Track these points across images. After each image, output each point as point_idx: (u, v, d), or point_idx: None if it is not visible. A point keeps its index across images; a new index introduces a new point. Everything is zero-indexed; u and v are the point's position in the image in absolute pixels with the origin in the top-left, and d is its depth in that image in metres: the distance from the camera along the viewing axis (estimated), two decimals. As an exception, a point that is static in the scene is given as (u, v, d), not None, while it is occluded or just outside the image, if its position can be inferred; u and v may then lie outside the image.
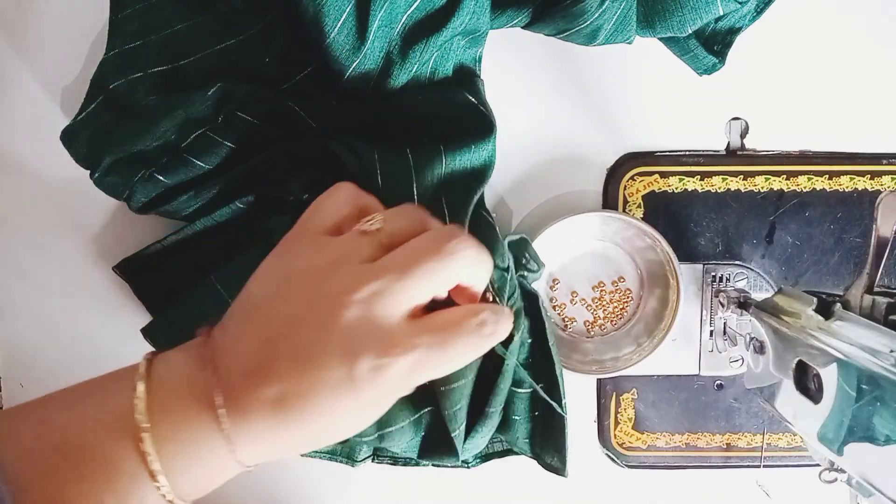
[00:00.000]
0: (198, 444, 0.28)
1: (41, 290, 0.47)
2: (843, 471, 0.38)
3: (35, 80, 0.46)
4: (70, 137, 0.42)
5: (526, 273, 0.44)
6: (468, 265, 0.30)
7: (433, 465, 0.47)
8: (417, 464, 0.47)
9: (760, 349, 0.43)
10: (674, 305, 0.47)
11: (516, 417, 0.45)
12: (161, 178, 0.42)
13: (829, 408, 0.35)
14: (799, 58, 0.48)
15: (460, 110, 0.42)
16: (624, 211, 0.48)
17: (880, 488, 0.32)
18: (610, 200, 0.48)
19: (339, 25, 0.38)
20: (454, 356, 0.29)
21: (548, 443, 0.46)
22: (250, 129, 0.41)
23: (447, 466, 0.48)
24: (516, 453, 0.48)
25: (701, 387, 0.50)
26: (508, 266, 0.42)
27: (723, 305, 0.48)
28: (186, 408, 0.28)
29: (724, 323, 0.49)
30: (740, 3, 0.42)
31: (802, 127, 0.48)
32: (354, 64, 0.40)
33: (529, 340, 0.45)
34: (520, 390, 0.45)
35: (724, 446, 0.50)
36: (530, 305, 0.45)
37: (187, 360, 0.29)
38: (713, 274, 0.48)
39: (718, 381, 0.50)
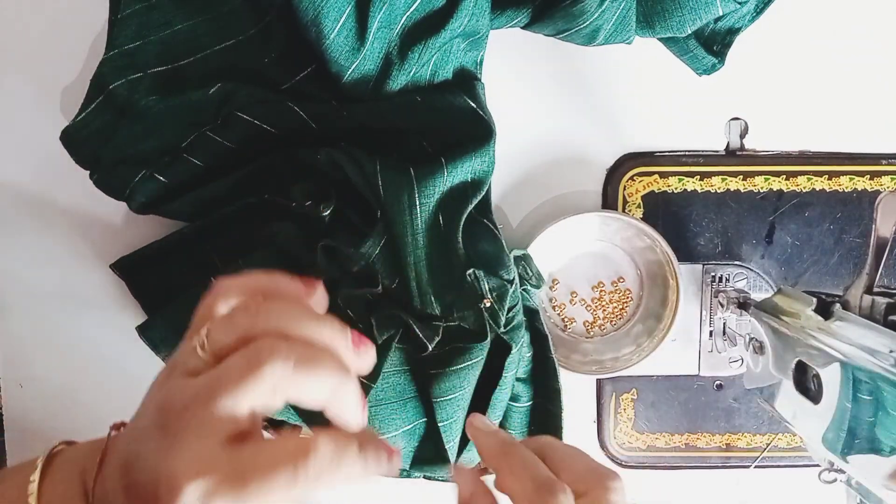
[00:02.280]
0: None
1: (41, 290, 0.47)
2: (842, 471, 0.38)
3: (35, 81, 0.46)
4: (70, 138, 0.42)
5: (529, 288, 0.44)
6: (282, 380, 0.26)
7: (424, 476, 0.47)
8: (409, 475, 0.47)
9: (760, 349, 0.43)
10: (673, 306, 0.47)
11: (512, 432, 0.45)
12: (161, 178, 0.42)
13: (831, 411, 0.35)
14: (799, 58, 0.48)
15: (460, 116, 0.42)
16: (623, 211, 0.48)
17: (886, 500, 0.32)
18: (609, 201, 0.48)
19: (338, 27, 0.38)
20: (255, 491, 0.25)
21: None
22: (250, 129, 0.41)
23: (438, 479, 0.47)
24: None
25: (700, 387, 0.50)
26: (513, 279, 0.42)
27: (722, 306, 0.48)
28: (72, 493, 0.28)
29: (724, 323, 0.49)
30: (740, 3, 0.42)
31: (802, 127, 0.48)
32: (354, 65, 0.40)
33: (529, 354, 0.45)
34: (516, 404, 0.45)
35: (724, 446, 0.50)
36: (532, 320, 0.44)
37: (88, 449, 0.29)
38: (713, 274, 0.48)
39: (718, 382, 0.50)
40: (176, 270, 0.44)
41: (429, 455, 0.45)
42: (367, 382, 0.40)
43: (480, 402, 0.43)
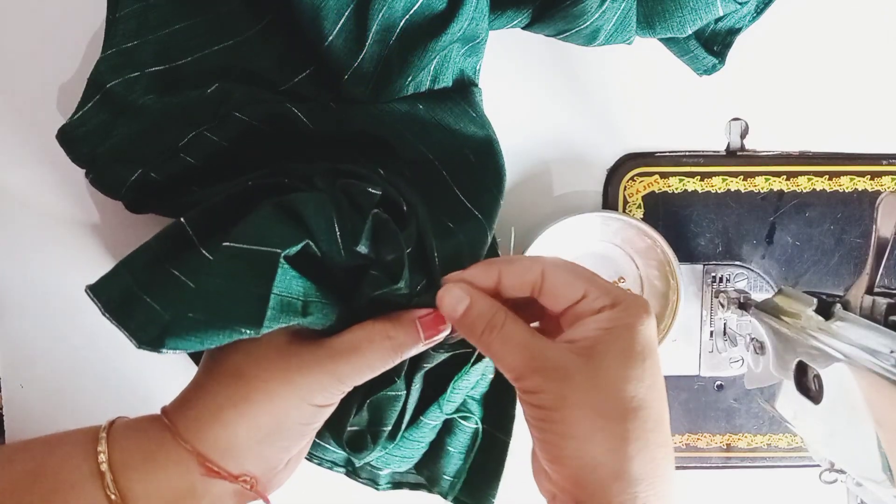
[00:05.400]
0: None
1: (41, 290, 0.47)
2: (843, 471, 0.38)
3: (32, 79, 0.45)
4: (66, 136, 0.41)
5: None
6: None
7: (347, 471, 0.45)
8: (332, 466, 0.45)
9: (761, 350, 0.43)
10: (674, 306, 0.47)
11: (451, 449, 0.43)
12: (157, 177, 0.42)
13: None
14: (799, 58, 0.48)
15: (469, 148, 0.42)
16: (624, 211, 0.48)
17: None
18: (610, 201, 0.48)
19: (337, 29, 0.38)
20: None
21: (476, 491, 0.43)
22: (248, 130, 0.41)
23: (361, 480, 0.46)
24: (429, 490, 0.45)
25: (701, 387, 0.50)
26: None
27: (723, 306, 0.48)
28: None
29: (725, 323, 0.49)
30: (740, 3, 0.41)
31: (802, 127, 0.48)
32: (353, 67, 0.39)
33: (491, 376, 0.44)
34: (465, 423, 0.43)
35: (725, 447, 0.50)
36: None
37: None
38: (713, 274, 0.48)
39: (719, 382, 0.50)
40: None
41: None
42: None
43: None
